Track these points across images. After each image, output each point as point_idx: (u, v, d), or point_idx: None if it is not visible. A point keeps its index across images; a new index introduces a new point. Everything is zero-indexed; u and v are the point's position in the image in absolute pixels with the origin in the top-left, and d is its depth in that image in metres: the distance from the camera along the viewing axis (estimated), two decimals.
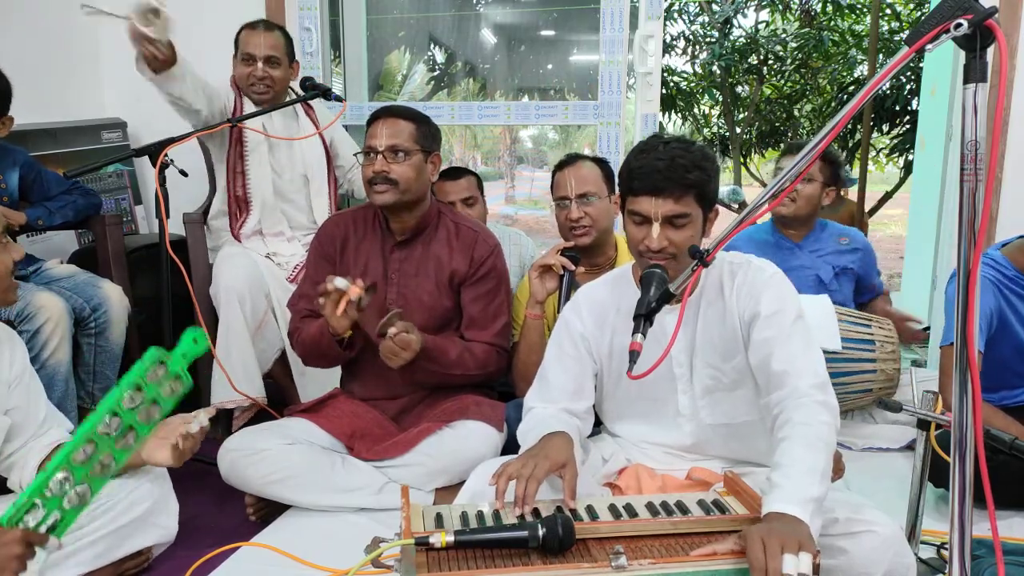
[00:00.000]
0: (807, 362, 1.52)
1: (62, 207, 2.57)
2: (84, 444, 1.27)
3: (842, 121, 1.12)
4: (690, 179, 1.52)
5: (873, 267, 2.97)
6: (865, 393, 2.60)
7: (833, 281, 2.84)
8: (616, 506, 1.45)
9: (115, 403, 1.28)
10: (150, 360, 1.30)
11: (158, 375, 1.31)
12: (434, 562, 1.27)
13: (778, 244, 2.87)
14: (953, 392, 1.10)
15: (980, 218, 1.04)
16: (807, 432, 1.41)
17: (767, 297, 1.59)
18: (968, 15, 0.98)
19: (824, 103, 8.87)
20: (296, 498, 2.10)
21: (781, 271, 1.65)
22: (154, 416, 1.32)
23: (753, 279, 1.62)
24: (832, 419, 1.45)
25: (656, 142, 1.58)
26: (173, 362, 1.32)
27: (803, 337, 1.56)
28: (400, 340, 1.98)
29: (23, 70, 3.04)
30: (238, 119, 2.66)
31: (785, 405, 1.48)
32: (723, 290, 1.64)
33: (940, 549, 1.85)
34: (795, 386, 1.48)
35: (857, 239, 2.94)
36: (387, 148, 2.12)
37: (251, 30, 2.76)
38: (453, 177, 2.77)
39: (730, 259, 1.68)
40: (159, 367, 1.31)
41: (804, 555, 1.18)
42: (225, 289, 2.59)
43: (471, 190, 2.79)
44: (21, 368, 1.70)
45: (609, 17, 3.07)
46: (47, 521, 1.28)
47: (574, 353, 1.73)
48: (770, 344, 1.55)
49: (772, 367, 1.53)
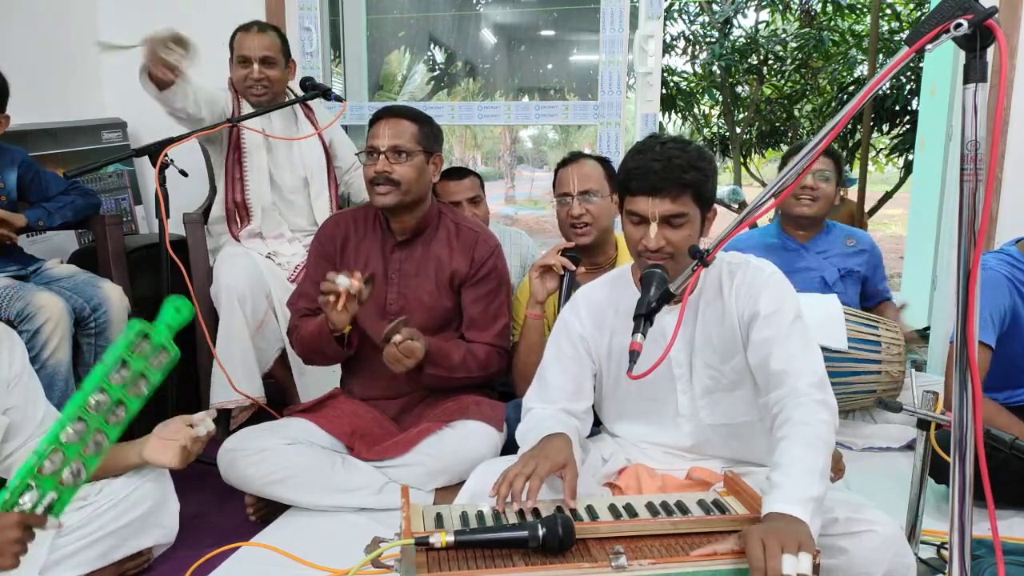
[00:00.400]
0: (806, 361, 1.52)
1: (61, 207, 2.57)
2: (73, 422, 1.25)
3: (842, 121, 1.11)
4: (687, 179, 1.52)
5: (879, 270, 2.95)
6: (869, 394, 2.60)
7: (839, 283, 2.82)
8: (616, 506, 1.45)
9: (101, 379, 1.26)
10: (133, 333, 1.27)
11: (143, 348, 1.28)
12: (434, 562, 1.27)
13: (784, 246, 2.85)
14: (953, 392, 1.10)
15: (980, 218, 1.04)
16: (806, 431, 1.41)
17: (766, 297, 1.59)
18: (968, 15, 0.98)
19: (824, 103, 8.87)
20: (296, 498, 2.09)
21: (780, 271, 1.65)
22: (143, 389, 1.30)
23: (752, 279, 1.62)
24: (831, 418, 1.46)
25: (653, 142, 1.58)
26: (157, 333, 1.28)
27: (802, 336, 1.56)
28: (405, 347, 1.99)
29: (23, 70, 3.05)
30: (238, 119, 2.66)
31: (784, 404, 1.48)
32: (722, 290, 1.64)
33: (940, 549, 1.85)
34: (794, 385, 1.49)
35: (864, 241, 2.92)
36: (389, 148, 2.11)
37: (245, 32, 2.76)
38: (457, 177, 2.78)
39: (729, 259, 1.68)
40: (143, 340, 1.28)
41: (804, 555, 1.18)
42: (226, 289, 2.59)
43: (476, 190, 2.80)
44: (20, 368, 1.70)
45: (609, 17, 3.07)
46: (43, 501, 1.25)
47: (573, 353, 1.73)
48: (769, 344, 1.55)
49: (771, 367, 1.53)
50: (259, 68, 2.72)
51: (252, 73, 2.72)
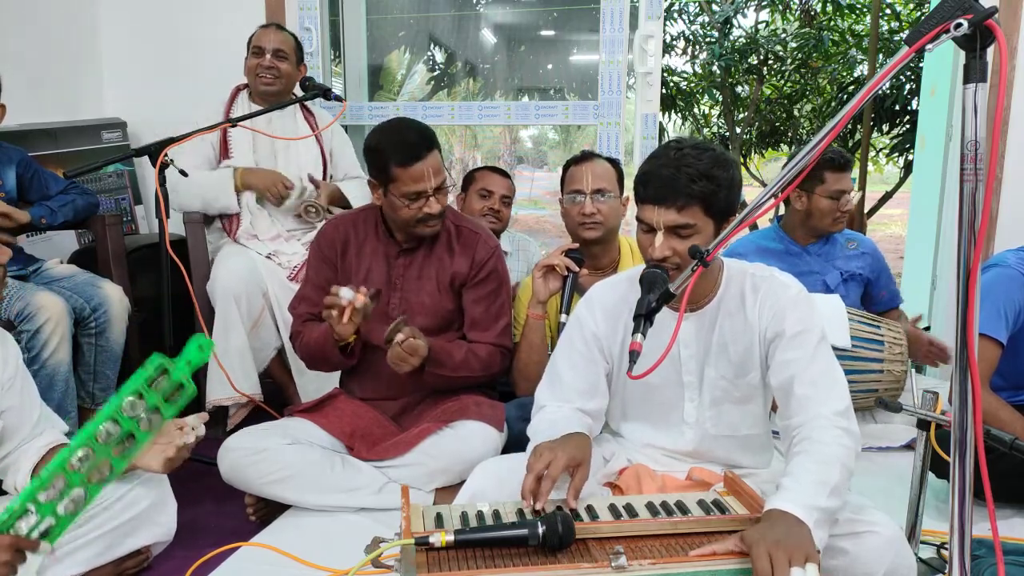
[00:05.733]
0: (831, 388, 1.49)
1: (63, 206, 2.57)
2: (82, 450, 1.26)
3: (842, 121, 1.11)
4: (694, 190, 1.47)
5: (884, 272, 2.93)
6: (871, 393, 2.60)
7: (840, 287, 2.81)
8: (616, 506, 1.45)
9: (115, 410, 1.26)
10: (153, 368, 1.27)
11: (160, 383, 1.29)
12: (434, 562, 1.27)
13: (787, 250, 2.84)
14: (952, 391, 1.10)
15: (980, 218, 1.04)
16: (823, 449, 1.39)
17: (792, 317, 1.55)
18: (968, 15, 0.98)
19: (824, 103, 8.85)
20: (296, 498, 2.09)
21: (805, 289, 1.61)
22: (155, 424, 1.30)
23: (777, 296, 1.58)
24: (852, 444, 1.43)
25: (669, 148, 1.52)
26: (177, 370, 1.28)
27: (826, 360, 1.53)
28: (408, 346, 1.98)
29: (23, 70, 3.05)
30: (237, 119, 2.66)
31: (804, 429, 1.46)
32: (744, 303, 1.60)
33: (940, 549, 1.84)
34: (817, 412, 1.46)
35: (865, 244, 2.91)
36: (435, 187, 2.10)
37: (264, 29, 2.88)
38: (500, 174, 2.92)
39: (753, 271, 1.63)
40: (162, 375, 1.28)
41: (811, 567, 1.18)
42: (222, 287, 2.59)
43: (510, 192, 2.93)
44: (14, 369, 1.68)
45: (609, 17, 3.07)
46: (39, 527, 1.27)
47: (586, 352, 1.71)
48: (792, 366, 1.52)
49: (795, 391, 1.50)
50: (271, 58, 2.80)
51: (264, 61, 2.79)
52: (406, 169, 2.05)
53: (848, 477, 1.39)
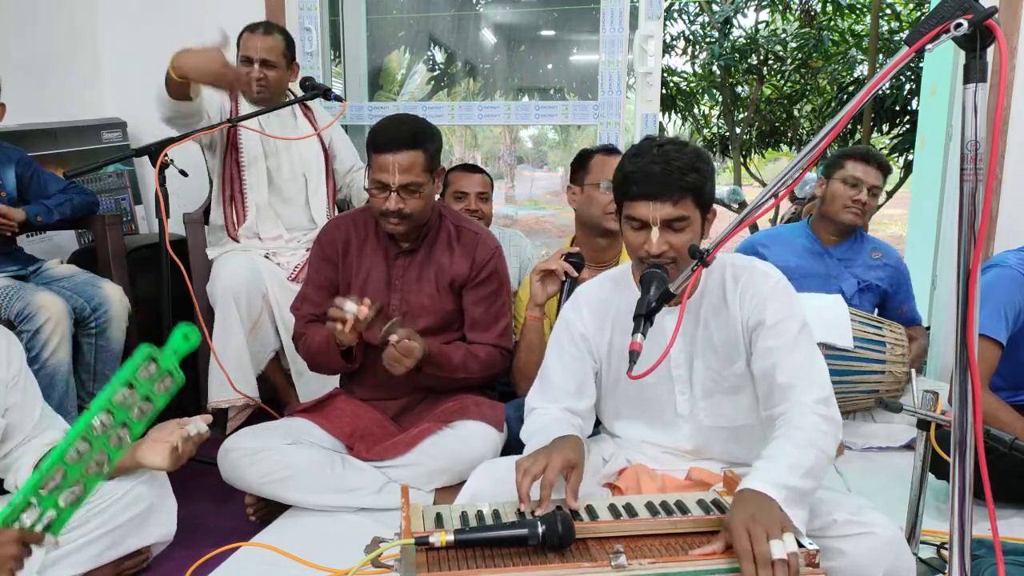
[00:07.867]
0: (812, 375, 1.51)
1: (60, 204, 2.57)
2: (78, 442, 1.27)
3: (842, 121, 1.11)
4: (687, 181, 1.50)
5: (904, 288, 2.89)
6: (872, 394, 2.60)
7: (856, 296, 2.77)
8: (616, 506, 1.45)
9: (107, 401, 1.28)
10: (141, 357, 1.30)
11: (150, 372, 1.30)
12: (434, 562, 1.26)
13: (811, 249, 2.82)
14: (952, 391, 1.10)
15: (980, 218, 1.04)
16: (800, 435, 1.41)
17: (773, 305, 1.56)
18: (968, 15, 0.98)
19: (824, 103, 8.86)
20: (296, 498, 2.09)
21: (785, 278, 1.63)
22: (147, 412, 1.32)
23: (758, 285, 1.60)
24: (832, 430, 1.44)
25: (650, 144, 1.55)
26: (164, 359, 1.31)
27: (808, 348, 1.54)
28: (402, 347, 1.99)
29: (23, 70, 3.05)
30: (237, 119, 2.66)
31: (785, 416, 1.47)
32: (726, 294, 1.62)
33: (940, 549, 1.85)
34: (798, 400, 1.47)
35: (891, 256, 2.87)
36: (401, 186, 2.07)
37: (251, 33, 2.80)
38: (471, 171, 2.89)
39: (732, 262, 1.66)
40: (150, 364, 1.31)
41: (787, 536, 1.21)
42: (222, 287, 2.59)
43: (486, 187, 2.90)
44: (18, 369, 1.69)
45: (609, 17, 3.07)
46: (43, 520, 1.27)
47: (574, 352, 1.73)
48: (774, 354, 1.53)
49: (776, 379, 1.52)
50: (258, 68, 2.76)
51: (252, 72, 2.75)
52: (377, 156, 2.07)
53: (826, 461, 1.41)
